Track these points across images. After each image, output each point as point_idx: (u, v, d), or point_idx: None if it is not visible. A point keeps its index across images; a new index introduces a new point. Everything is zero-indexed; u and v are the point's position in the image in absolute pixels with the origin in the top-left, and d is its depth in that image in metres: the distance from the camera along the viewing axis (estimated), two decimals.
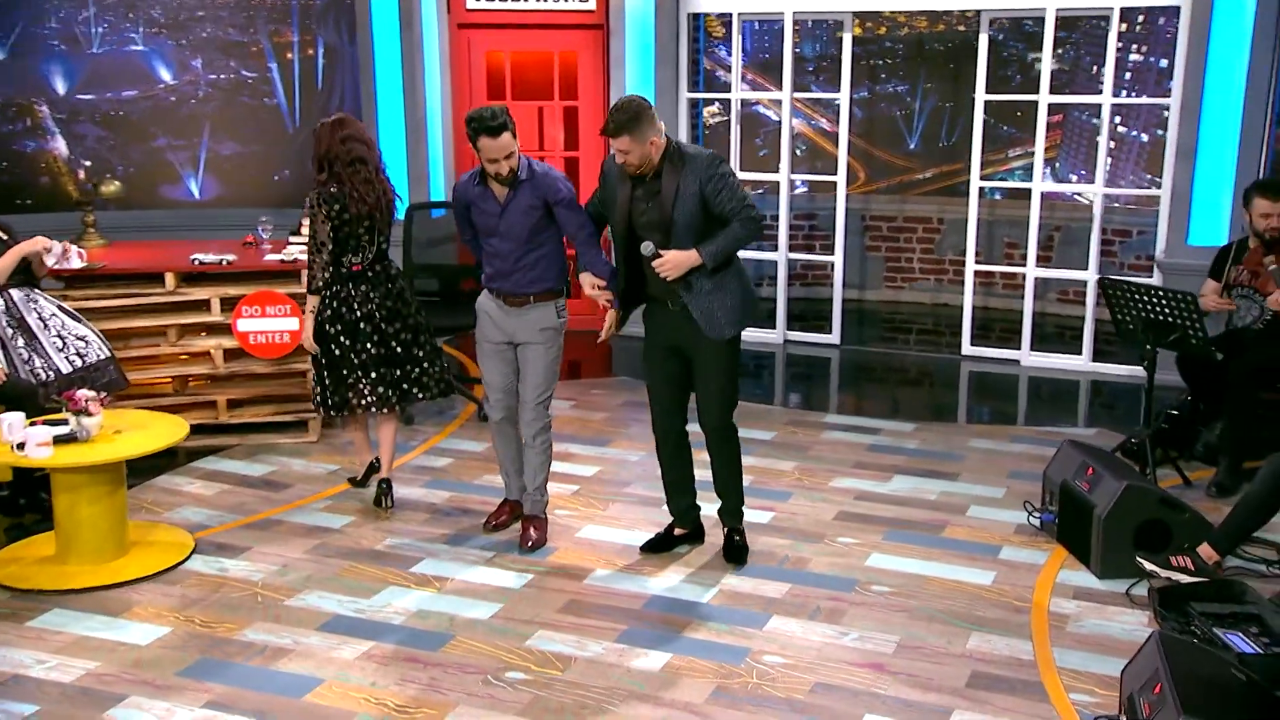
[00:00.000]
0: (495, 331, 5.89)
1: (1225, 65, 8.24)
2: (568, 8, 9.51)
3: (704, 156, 5.46)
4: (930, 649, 4.99)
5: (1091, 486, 5.79)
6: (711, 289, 5.47)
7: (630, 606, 5.36)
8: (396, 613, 5.29)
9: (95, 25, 9.48)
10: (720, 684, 4.70)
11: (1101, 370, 9.03)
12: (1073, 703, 4.58)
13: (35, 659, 4.87)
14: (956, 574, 5.70)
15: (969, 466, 7.15)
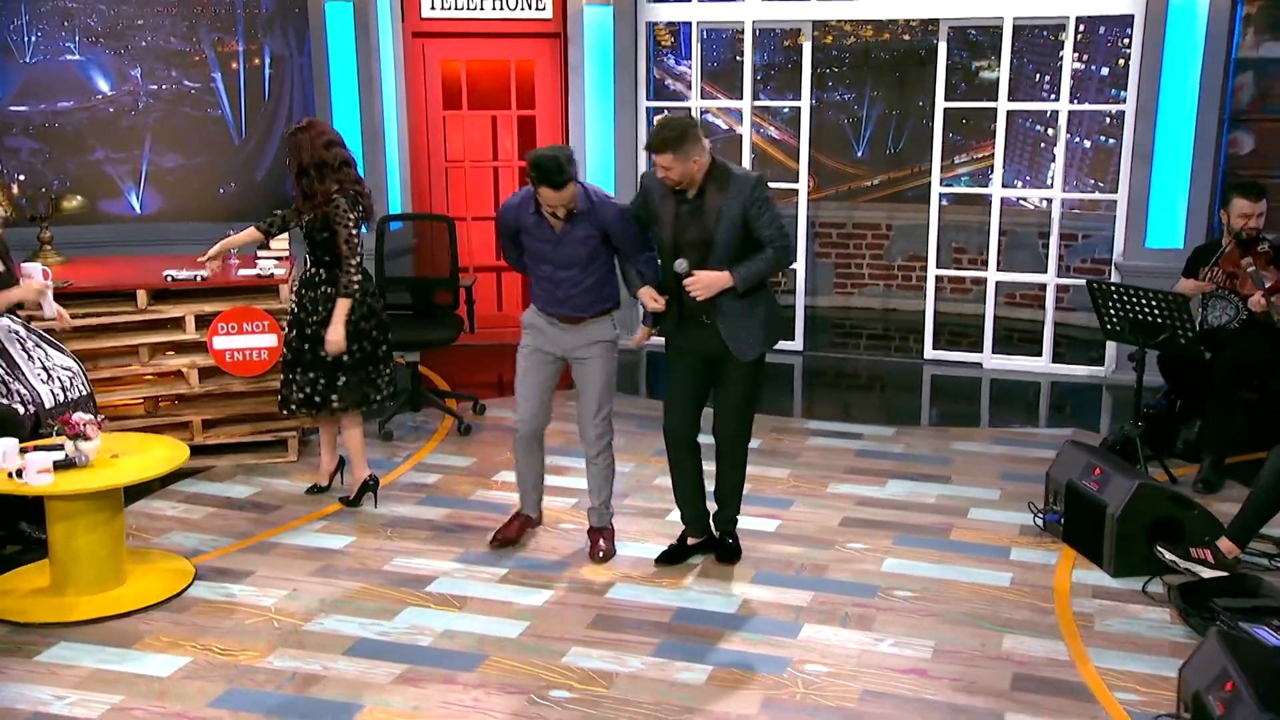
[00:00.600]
0: (547, 343, 5.83)
1: (1179, 71, 8.45)
2: (524, 16, 9.45)
3: (750, 179, 5.50)
4: (967, 653, 5.03)
5: (1101, 486, 5.85)
6: (740, 311, 5.52)
7: (658, 620, 5.33)
8: (422, 634, 5.18)
9: (29, 34, 9.17)
10: (768, 695, 4.69)
11: (1061, 371, 9.24)
12: (1119, 701, 4.63)
13: (54, 695, 4.68)
14: (973, 576, 5.76)
15: (958, 469, 7.25)
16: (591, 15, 9.27)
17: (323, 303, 6.18)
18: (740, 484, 5.92)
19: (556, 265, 5.63)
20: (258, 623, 5.28)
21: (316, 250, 6.17)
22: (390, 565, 5.85)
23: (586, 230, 5.55)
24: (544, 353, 5.82)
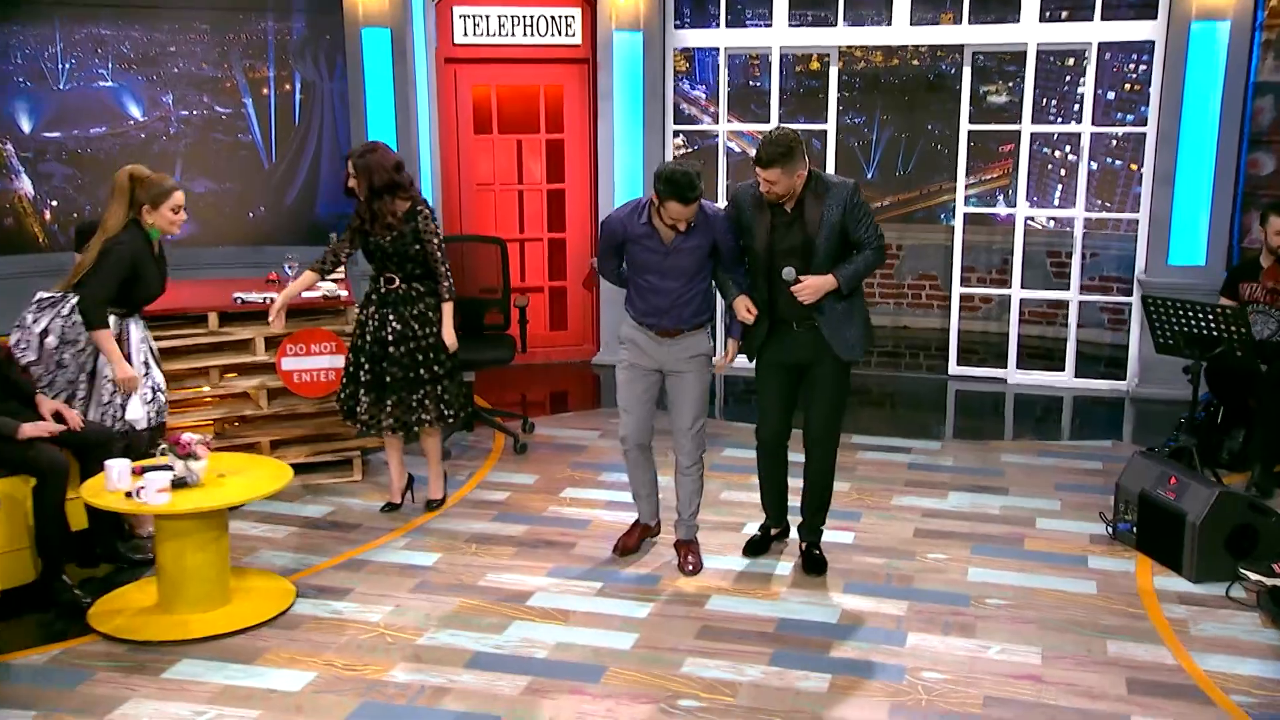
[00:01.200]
0: (644, 358, 5.83)
1: (1200, 95, 8.59)
2: (554, 42, 9.49)
3: (848, 186, 5.58)
4: (1076, 659, 5.06)
5: (1178, 495, 5.90)
6: (842, 312, 5.60)
7: (763, 630, 5.33)
8: (537, 647, 5.16)
9: (63, 61, 9.13)
10: (894, 702, 4.70)
11: (1084, 385, 9.33)
12: (1236, 704, 4.67)
13: (192, 711, 4.65)
14: (1058, 585, 5.80)
15: (1014, 481, 7.29)
16: (621, 42, 9.31)
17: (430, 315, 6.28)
18: (828, 493, 5.98)
19: (663, 275, 5.63)
20: (371, 638, 5.25)
21: (407, 265, 6.19)
22: (484, 581, 5.83)
23: (698, 240, 5.57)
24: (643, 367, 5.84)
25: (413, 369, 6.27)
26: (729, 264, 5.68)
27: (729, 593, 5.73)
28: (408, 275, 6.20)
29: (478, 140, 9.57)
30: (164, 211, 5.85)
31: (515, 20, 9.41)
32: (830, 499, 6.01)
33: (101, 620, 5.34)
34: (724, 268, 5.69)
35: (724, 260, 5.67)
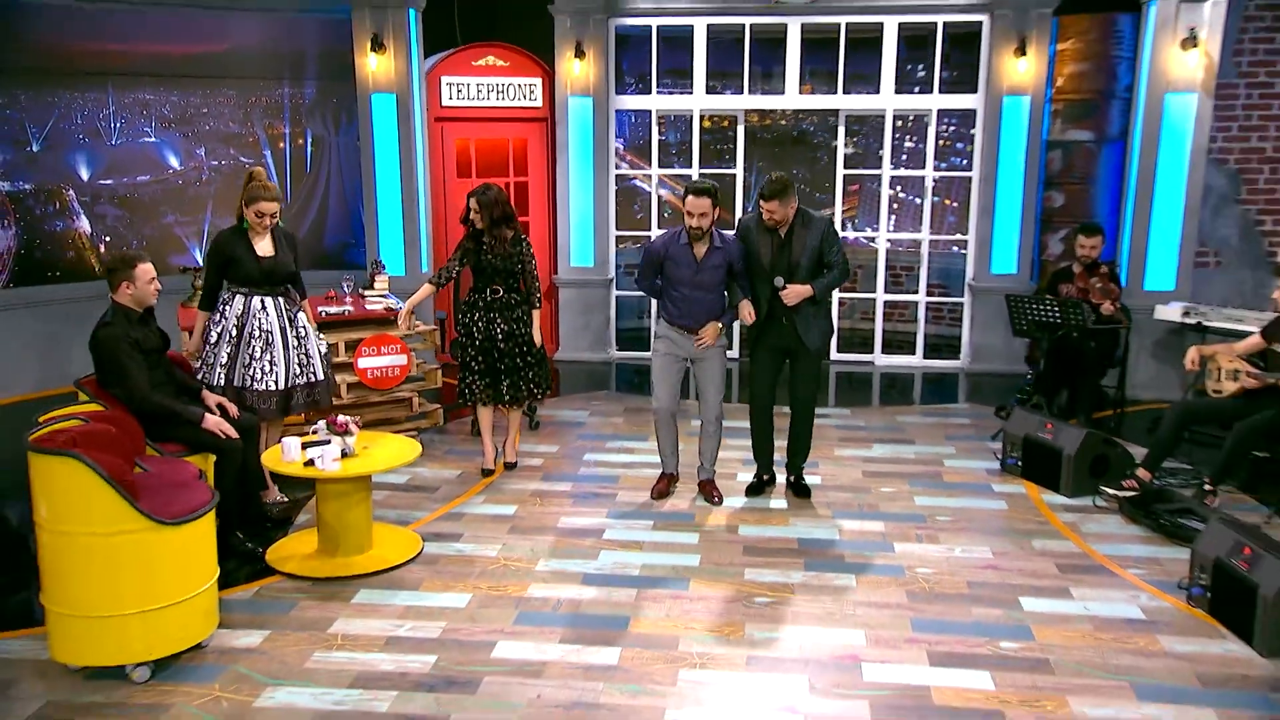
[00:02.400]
0: (674, 348, 6.15)
1: (1010, 149, 9.17)
2: (520, 104, 9.65)
3: (826, 219, 6.05)
4: (1015, 553, 5.62)
5: (1054, 436, 6.47)
6: (812, 314, 6.06)
7: (790, 547, 5.71)
8: (629, 568, 5.44)
9: (114, 121, 8.89)
10: (906, 590, 5.18)
11: (930, 365, 9.82)
12: (1134, 575, 5.34)
13: (391, 624, 4.86)
14: (980, 504, 6.34)
15: (914, 435, 7.71)
16: (574, 105, 9.53)
17: (524, 318, 6.55)
18: (809, 439, 6.38)
19: (694, 287, 5.98)
20: (497, 568, 5.45)
21: (510, 279, 6.43)
22: (561, 523, 6.03)
23: (719, 261, 5.96)
24: (674, 356, 6.18)
25: (520, 357, 6.52)
26: (739, 277, 6.06)
27: (751, 523, 6.06)
28: (509, 287, 6.45)
29: (460, 181, 9.62)
30: (251, 213, 5.93)
31: (490, 88, 9.56)
32: (810, 442, 6.41)
33: (280, 563, 5.44)
34: (735, 280, 6.08)
35: (736, 274, 6.05)
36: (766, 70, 10.05)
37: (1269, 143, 8.78)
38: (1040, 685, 4.32)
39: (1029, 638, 4.71)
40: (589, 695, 4.23)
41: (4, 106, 8.42)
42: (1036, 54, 8.94)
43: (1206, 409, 6.38)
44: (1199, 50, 8.10)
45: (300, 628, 4.81)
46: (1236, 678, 4.40)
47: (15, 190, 8.52)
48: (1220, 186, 8.87)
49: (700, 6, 9.38)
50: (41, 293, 8.64)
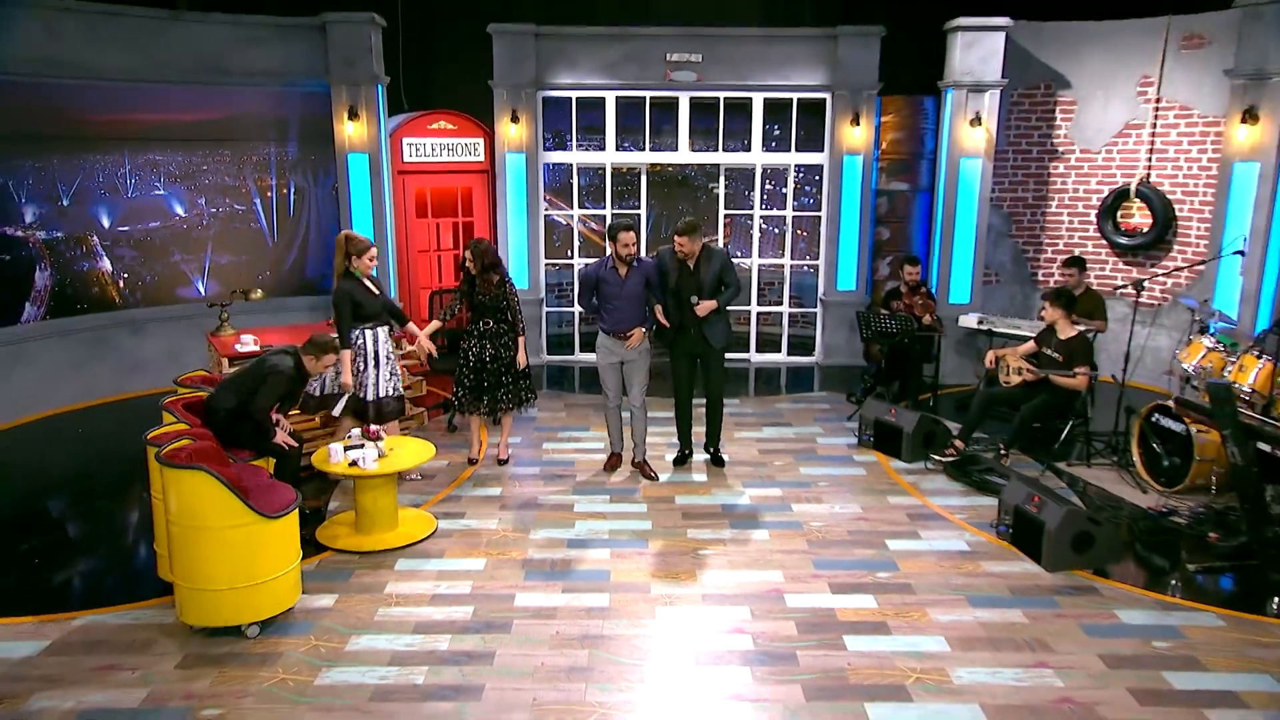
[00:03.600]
0: (611, 355, 6.59)
1: (850, 195, 9.87)
2: (467, 159, 9.94)
3: (723, 251, 6.56)
4: (877, 508, 6.28)
5: (898, 418, 7.18)
6: (716, 322, 6.57)
7: (714, 511, 6.26)
8: (600, 533, 5.90)
9: (129, 178, 8.90)
10: (807, 538, 5.80)
11: (792, 360, 10.38)
12: (961, 519, 6.10)
13: (432, 583, 5.25)
14: (847, 471, 6.97)
15: (790, 419, 8.24)
16: (510, 159, 9.84)
17: (509, 344, 6.75)
18: (720, 421, 6.90)
19: (621, 299, 6.44)
20: (498, 538, 5.83)
21: (498, 314, 6.69)
22: (541, 499, 6.43)
23: (639, 276, 6.44)
24: (613, 362, 6.64)
25: (503, 375, 6.75)
26: (654, 291, 6.51)
27: (683, 494, 6.55)
28: (497, 320, 6.71)
29: (418, 222, 9.88)
30: (364, 261, 6.24)
31: (442, 146, 9.84)
32: (721, 425, 6.93)
33: (330, 541, 5.75)
34: (652, 294, 6.52)
35: (653, 290, 6.52)
36: (661, 128, 10.53)
37: (1030, 192, 9.81)
38: (909, 603, 5.09)
39: (896, 569, 5.47)
40: (594, 629, 4.80)
41: (40, 169, 8.38)
42: (866, 124, 9.70)
43: (1001, 395, 7.14)
44: (983, 127, 9.06)
45: (361, 590, 5.20)
46: (1033, 587, 5.26)
47: (49, 238, 8.50)
48: (998, 225, 9.87)
49: (610, 83, 9.86)
50: (72, 323, 8.67)
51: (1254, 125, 7.56)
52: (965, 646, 4.65)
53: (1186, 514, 6.10)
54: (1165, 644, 4.70)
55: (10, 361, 8.27)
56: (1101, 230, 9.35)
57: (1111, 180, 9.33)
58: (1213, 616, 4.97)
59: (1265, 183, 7.51)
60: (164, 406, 5.73)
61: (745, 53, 9.75)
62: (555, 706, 4.16)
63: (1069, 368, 6.90)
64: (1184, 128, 8.77)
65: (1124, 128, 9.21)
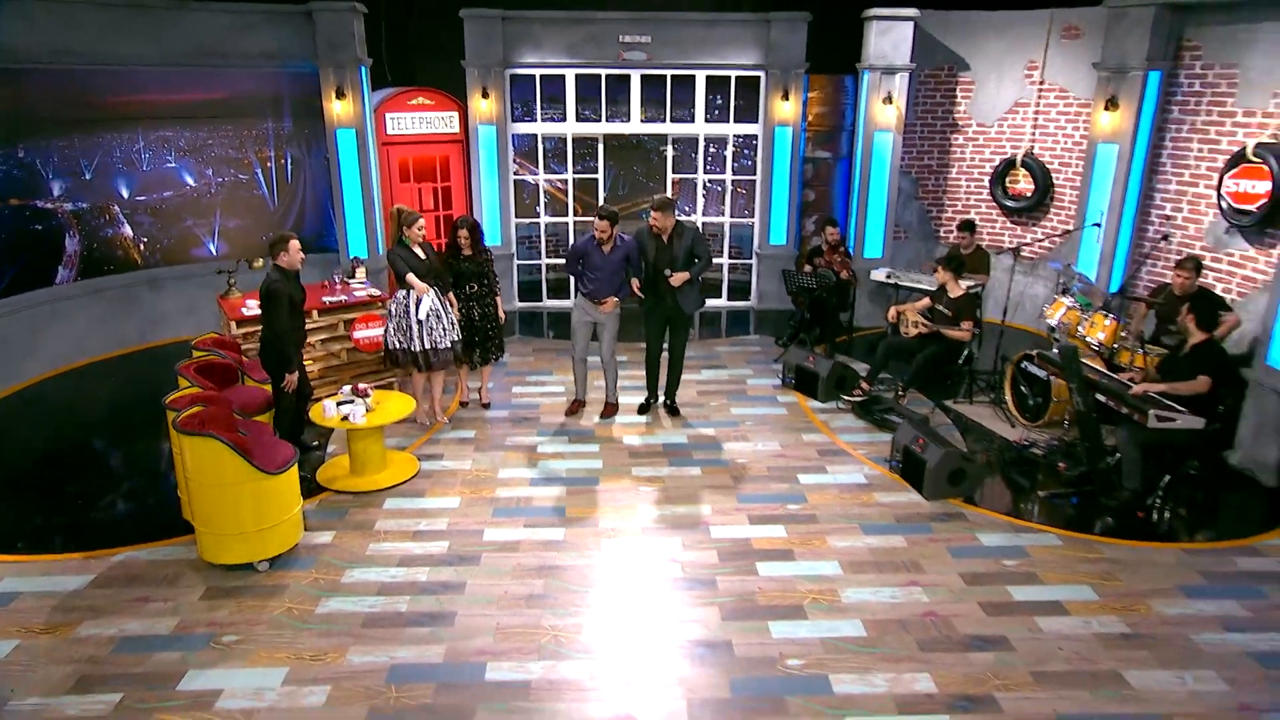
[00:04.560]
0: (586, 315, 6.62)
1: (780, 161, 9.80)
2: (443, 131, 9.74)
3: (694, 229, 6.50)
4: (793, 445, 6.45)
5: (815, 364, 7.32)
6: (689, 291, 6.54)
7: (656, 450, 6.38)
8: (560, 471, 6.02)
9: (144, 153, 8.68)
10: (732, 474, 5.98)
11: (732, 305, 10.41)
12: (862, 454, 6.33)
13: (414, 522, 5.37)
14: (770, 411, 7.09)
15: (726, 361, 8.33)
16: (482, 131, 9.65)
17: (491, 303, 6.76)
18: (679, 377, 6.92)
19: (602, 270, 6.45)
20: (471, 477, 5.93)
21: (481, 280, 6.69)
22: (508, 441, 6.52)
23: (620, 254, 6.46)
24: (586, 320, 6.68)
25: (487, 331, 6.78)
26: (633, 265, 6.52)
27: (631, 434, 6.66)
28: (480, 284, 6.70)
29: (402, 186, 9.72)
30: (414, 230, 6.20)
31: (421, 120, 9.63)
32: (680, 380, 6.93)
33: (329, 483, 5.82)
34: (632, 268, 6.52)
35: (632, 265, 6.52)
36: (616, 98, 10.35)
37: (934, 160, 9.84)
38: (812, 531, 5.35)
39: (805, 501, 5.69)
40: (549, 560, 5.01)
41: (64, 148, 8.14)
42: (795, 99, 9.61)
43: (900, 345, 7.30)
44: (893, 105, 9.03)
45: (355, 528, 5.35)
46: (914, 515, 5.53)
47: (76, 209, 8.32)
48: (906, 189, 9.91)
49: (570, 61, 9.65)
50: (101, 283, 8.57)
51: (1115, 112, 7.61)
52: (855, 570, 4.93)
53: (1043, 446, 6.39)
54: (1013, 562, 5.00)
55: (48, 318, 8.20)
56: (993, 195, 9.44)
57: (1002, 151, 9.38)
58: (1053, 537, 5.28)
59: (1122, 162, 7.60)
60: (179, 371, 5.78)
61: (690, 35, 9.57)
62: (515, 630, 4.39)
63: (957, 322, 7.09)
64: (1062, 107, 8.80)
65: (1013, 105, 9.22)
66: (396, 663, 4.16)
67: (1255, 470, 5.96)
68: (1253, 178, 6.55)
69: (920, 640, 4.31)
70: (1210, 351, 5.41)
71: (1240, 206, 6.67)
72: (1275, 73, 6.53)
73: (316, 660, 4.18)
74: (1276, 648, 4.27)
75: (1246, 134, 6.77)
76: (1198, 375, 5.33)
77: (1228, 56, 6.89)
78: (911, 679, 4.03)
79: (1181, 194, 7.42)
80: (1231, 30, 6.86)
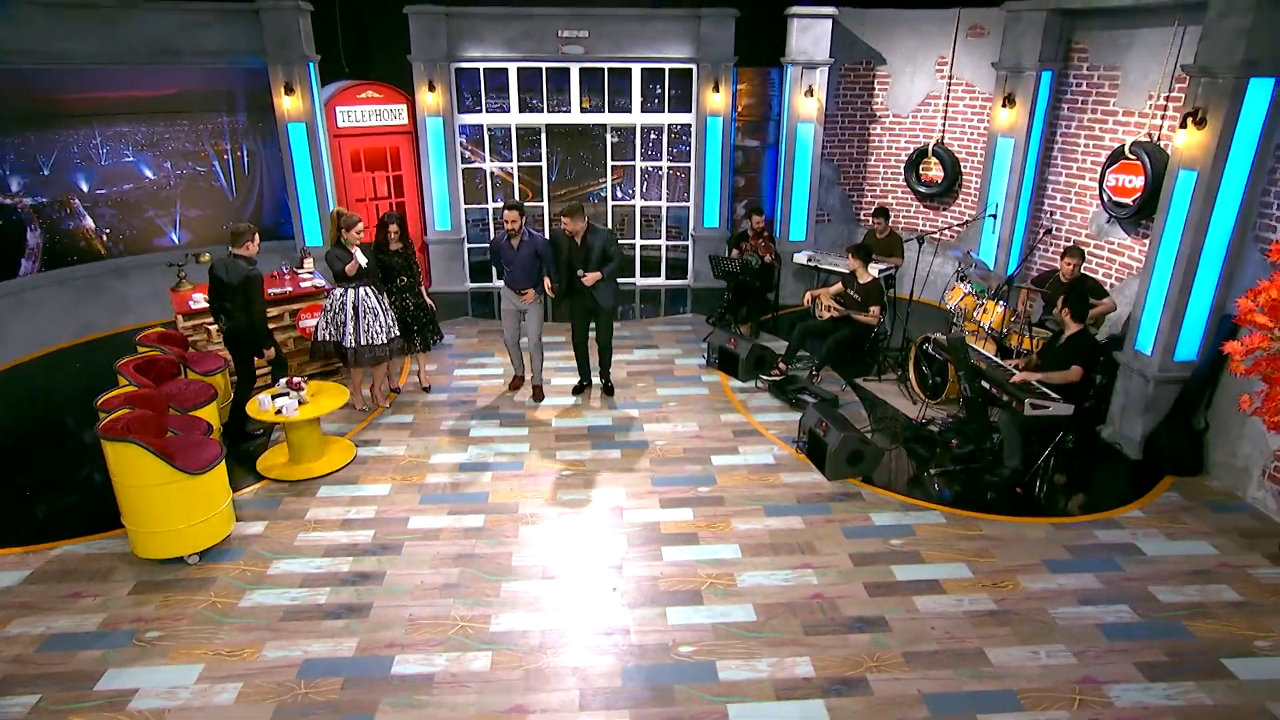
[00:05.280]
0: (510, 304, 6.37)
1: (712, 149, 9.42)
2: (394, 123, 9.27)
3: (606, 231, 6.22)
4: (710, 425, 6.20)
5: (736, 345, 7.06)
6: (604, 288, 6.28)
7: (581, 432, 6.12)
8: (485, 457, 5.75)
9: (101, 148, 8.12)
10: (650, 457, 5.75)
11: (670, 284, 10.12)
12: (773, 435, 6.13)
13: (344, 510, 5.11)
14: (693, 391, 6.84)
15: (658, 341, 8.01)
16: (430, 122, 9.21)
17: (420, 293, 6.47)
18: (610, 361, 6.66)
19: (514, 264, 6.20)
20: (405, 463, 5.66)
21: (408, 273, 6.38)
22: (442, 426, 6.23)
23: (529, 249, 6.17)
24: (513, 310, 6.42)
25: (423, 319, 6.50)
26: (545, 262, 6.23)
27: (558, 416, 6.39)
28: (409, 275, 6.40)
29: (355, 175, 9.28)
30: (352, 234, 5.86)
31: (371, 113, 9.13)
32: (611, 364, 6.66)
33: (267, 471, 5.57)
34: (545, 264, 6.24)
35: (544, 261, 6.23)
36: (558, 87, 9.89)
37: (854, 149, 9.51)
38: (718, 514, 5.16)
39: (714, 483, 5.50)
40: (467, 549, 4.79)
41: (19, 145, 7.59)
42: (725, 90, 9.21)
43: (815, 328, 7.04)
44: (814, 98, 8.68)
45: (287, 517, 5.09)
46: (815, 495, 5.36)
47: (35, 203, 7.79)
48: (829, 175, 9.60)
49: (512, 55, 9.17)
50: (64, 274, 8.09)
51: (1012, 109, 7.32)
52: (753, 553, 4.76)
53: (940, 423, 6.24)
54: (900, 541, 4.86)
55: (14, 308, 7.74)
56: (907, 181, 9.16)
57: (916, 140, 9.07)
58: (938, 515, 5.14)
59: (1018, 155, 7.33)
60: (118, 369, 5.44)
61: (625, 30, 9.10)
62: (425, 621, 4.19)
63: (866, 307, 6.88)
64: (969, 100, 8.49)
65: (926, 98, 8.89)
66: (310, 657, 3.94)
67: (1123, 444, 5.85)
68: (1129, 173, 6.33)
69: (806, 624, 4.16)
70: (1083, 341, 5.24)
71: (1118, 199, 6.46)
72: (1151, 75, 6.26)
73: (233, 656, 3.95)
74: (1121, 619, 4.18)
75: (1125, 132, 6.53)
76: (1071, 365, 5.16)
77: (1111, 59, 6.61)
78: (793, 663, 3.89)
79: (1070, 185, 7.19)
80: (1114, 35, 6.57)
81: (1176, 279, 5.30)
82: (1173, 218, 5.30)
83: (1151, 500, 5.29)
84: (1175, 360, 5.49)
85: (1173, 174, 5.28)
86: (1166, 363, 5.50)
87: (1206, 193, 5.07)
